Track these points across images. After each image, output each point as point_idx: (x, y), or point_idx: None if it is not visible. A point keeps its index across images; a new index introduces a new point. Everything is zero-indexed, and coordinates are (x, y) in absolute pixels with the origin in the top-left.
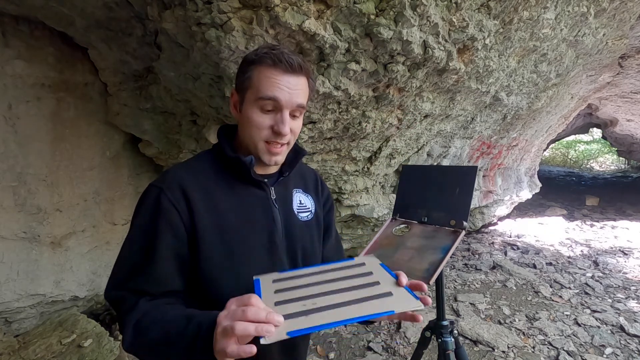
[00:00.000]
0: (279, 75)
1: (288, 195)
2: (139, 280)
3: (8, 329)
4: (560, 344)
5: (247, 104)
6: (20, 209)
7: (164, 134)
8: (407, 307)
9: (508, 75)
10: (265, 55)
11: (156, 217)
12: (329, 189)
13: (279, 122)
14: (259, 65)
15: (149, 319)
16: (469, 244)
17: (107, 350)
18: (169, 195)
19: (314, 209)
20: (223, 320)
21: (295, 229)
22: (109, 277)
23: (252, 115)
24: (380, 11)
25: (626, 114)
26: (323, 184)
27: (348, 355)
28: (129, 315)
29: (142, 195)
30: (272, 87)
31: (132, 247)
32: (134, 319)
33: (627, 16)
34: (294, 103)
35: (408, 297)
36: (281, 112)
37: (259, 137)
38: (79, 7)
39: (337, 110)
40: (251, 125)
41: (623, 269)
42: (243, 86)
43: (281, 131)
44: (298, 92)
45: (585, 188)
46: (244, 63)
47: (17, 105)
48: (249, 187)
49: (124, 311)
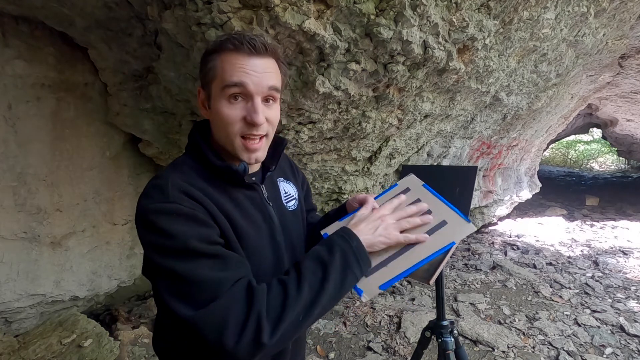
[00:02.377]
0: (243, 59)
1: (276, 189)
2: (227, 276)
3: (8, 329)
4: (560, 344)
5: (214, 98)
6: (20, 209)
7: (164, 134)
8: (464, 234)
9: (508, 75)
10: (225, 41)
11: (193, 225)
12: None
13: (250, 111)
14: (220, 53)
15: (277, 293)
16: (469, 244)
17: (107, 350)
18: (186, 205)
19: (297, 195)
20: (389, 218)
21: (288, 222)
22: (180, 307)
23: (220, 108)
24: (380, 11)
25: (626, 114)
26: (296, 166)
27: (348, 355)
28: (249, 307)
29: (155, 219)
30: (237, 72)
31: (193, 263)
32: (258, 309)
33: (627, 16)
34: (264, 86)
35: (461, 221)
36: (252, 100)
37: (233, 132)
38: (79, 7)
39: (337, 110)
40: (222, 120)
41: (623, 269)
42: (207, 79)
43: (255, 120)
44: (267, 74)
45: (585, 188)
46: (205, 55)
47: (17, 105)
48: (241, 190)
49: (235, 311)
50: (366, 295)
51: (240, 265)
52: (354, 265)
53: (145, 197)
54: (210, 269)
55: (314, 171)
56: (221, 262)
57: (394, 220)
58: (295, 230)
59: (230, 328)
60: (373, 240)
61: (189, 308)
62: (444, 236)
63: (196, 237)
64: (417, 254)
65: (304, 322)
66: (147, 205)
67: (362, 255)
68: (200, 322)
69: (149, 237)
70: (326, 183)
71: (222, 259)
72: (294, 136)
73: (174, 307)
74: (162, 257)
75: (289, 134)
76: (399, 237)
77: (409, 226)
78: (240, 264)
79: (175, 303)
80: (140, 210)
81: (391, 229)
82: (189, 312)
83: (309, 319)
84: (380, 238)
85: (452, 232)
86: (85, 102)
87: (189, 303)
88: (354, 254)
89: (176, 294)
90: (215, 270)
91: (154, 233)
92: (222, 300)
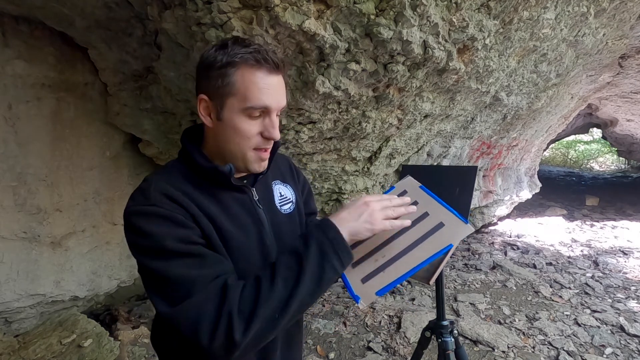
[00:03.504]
0: (265, 78)
1: (269, 192)
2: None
3: (8, 329)
4: (560, 344)
5: (231, 113)
6: (20, 209)
7: (164, 134)
8: (462, 235)
9: (508, 75)
10: (247, 55)
11: (170, 226)
12: (303, 174)
13: (269, 128)
14: (239, 68)
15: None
16: (469, 244)
17: (107, 350)
18: (165, 207)
19: (294, 198)
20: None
21: (281, 225)
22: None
23: (239, 124)
24: (380, 11)
25: (626, 114)
26: (297, 169)
27: (348, 355)
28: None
29: (135, 220)
30: (262, 95)
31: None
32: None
33: (627, 16)
34: (281, 105)
35: (458, 223)
36: (269, 116)
37: (247, 145)
38: (79, 7)
39: (337, 110)
40: (237, 134)
41: (623, 269)
42: (221, 92)
43: (274, 136)
44: (282, 92)
45: (585, 188)
46: (217, 65)
47: (17, 105)
48: (230, 192)
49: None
50: (363, 302)
51: (218, 264)
52: (331, 257)
53: (131, 199)
54: (186, 268)
55: (314, 171)
56: (198, 261)
57: (379, 207)
58: (290, 233)
59: (203, 326)
60: (357, 227)
61: (165, 305)
62: (441, 239)
63: (172, 237)
64: (414, 258)
65: (281, 319)
66: (129, 207)
67: (339, 245)
68: (175, 320)
69: (130, 237)
70: (326, 183)
71: (199, 258)
72: (294, 136)
73: (154, 302)
74: (141, 256)
75: (289, 134)
76: (384, 223)
77: (394, 214)
78: (219, 262)
79: (155, 299)
80: (125, 212)
81: (376, 215)
82: (165, 309)
83: (285, 315)
84: (365, 225)
85: (449, 234)
86: (85, 102)
87: (166, 300)
88: (332, 245)
89: (155, 290)
90: (191, 269)
91: (133, 233)
92: (195, 298)
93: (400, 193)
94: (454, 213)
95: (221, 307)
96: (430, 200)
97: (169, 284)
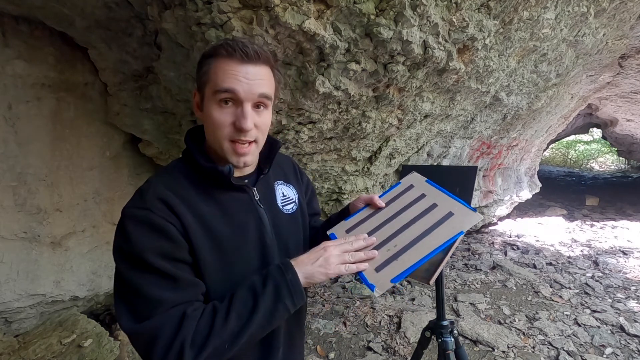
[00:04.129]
0: (235, 66)
1: (271, 192)
2: (169, 298)
3: (8, 329)
4: (560, 344)
5: (206, 101)
6: (20, 209)
7: (164, 134)
8: (471, 222)
9: (508, 75)
10: (219, 47)
11: (156, 237)
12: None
13: (239, 117)
14: (214, 58)
15: (205, 322)
16: (469, 244)
17: (107, 350)
18: (158, 214)
19: (297, 198)
20: (333, 249)
21: (282, 225)
22: (122, 313)
23: (211, 112)
24: (380, 11)
25: (626, 114)
26: (301, 170)
27: (348, 355)
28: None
29: (125, 223)
30: (228, 78)
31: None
32: (184, 335)
33: (627, 16)
34: (255, 93)
35: (467, 211)
36: (242, 106)
37: (221, 135)
38: (79, 7)
39: (337, 110)
40: (212, 123)
41: (623, 269)
42: (201, 82)
43: (242, 126)
44: (259, 81)
45: (585, 188)
46: (201, 58)
47: (17, 105)
48: (230, 192)
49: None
50: (378, 289)
51: (189, 289)
52: (285, 298)
53: (130, 200)
54: (157, 287)
55: (314, 171)
56: (170, 283)
57: (338, 252)
58: (292, 233)
59: (157, 349)
60: (312, 270)
61: (128, 319)
62: (452, 226)
63: (154, 250)
64: (427, 245)
65: (230, 349)
66: (125, 209)
67: (295, 288)
68: (133, 336)
69: (116, 238)
70: (326, 183)
71: (172, 280)
72: (294, 136)
73: (119, 311)
74: (120, 260)
75: (289, 134)
76: (339, 267)
77: (351, 260)
78: (190, 286)
79: (121, 308)
80: (121, 212)
81: (331, 260)
82: (127, 324)
83: (235, 346)
84: (320, 269)
85: (459, 222)
86: (85, 102)
87: (131, 313)
88: (287, 287)
89: (124, 299)
90: (162, 290)
91: (121, 235)
92: (155, 320)
93: (406, 187)
94: (462, 203)
95: (176, 334)
96: (438, 192)
97: (137, 298)
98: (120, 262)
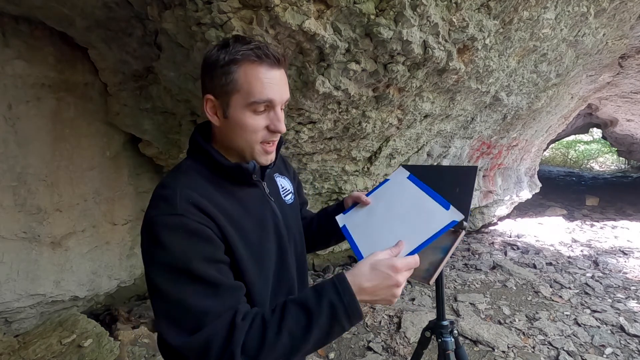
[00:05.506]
0: (267, 72)
1: (275, 185)
2: (215, 307)
3: (8, 329)
4: (560, 344)
5: (236, 109)
6: (20, 209)
7: (164, 134)
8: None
9: (508, 75)
10: (248, 51)
11: (195, 242)
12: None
13: (274, 121)
14: (240, 65)
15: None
16: (469, 244)
17: (107, 350)
18: (192, 218)
19: (292, 188)
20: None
21: (288, 215)
22: (169, 328)
23: (245, 120)
24: (380, 11)
25: (626, 114)
26: (287, 161)
27: (348, 355)
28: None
29: (159, 232)
30: (265, 89)
31: (185, 286)
32: (232, 348)
33: (627, 16)
34: (284, 98)
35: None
36: (274, 110)
37: (254, 139)
38: (79, 7)
39: (337, 110)
40: (245, 129)
41: (623, 269)
42: (225, 90)
43: (279, 129)
44: (284, 86)
45: (585, 188)
46: (219, 64)
47: (17, 105)
48: (244, 189)
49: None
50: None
51: (232, 293)
52: (343, 320)
53: (153, 208)
54: (203, 297)
55: (314, 171)
56: (214, 289)
57: (404, 280)
58: (295, 222)
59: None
60: (375, 299)
61: (174, 334)
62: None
63: (199, 256)
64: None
65: None
66: (154, 217)
67: (353, 311)
68: (184, 351)
69: (149, 248)
70: (326, 183)
71: (216, 287)
72: (294, 136)
73: (162, 327)
74: (156, 271)
75: (289, 134)
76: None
77: None
78: (232, 292)
79: (165, 323)
80: (147, 221)
81: (399, 290)
82: (174, 339)
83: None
84: (386, 299)
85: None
86: (85, 102)
87: (177, 328)
88: (345, 310)
89: (166, 316)
90: (206, 298)
91: (157, 247)
92: (205, 332)
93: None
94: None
95: (227, 346)
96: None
97: (182, 310)
98: (157, 272)
